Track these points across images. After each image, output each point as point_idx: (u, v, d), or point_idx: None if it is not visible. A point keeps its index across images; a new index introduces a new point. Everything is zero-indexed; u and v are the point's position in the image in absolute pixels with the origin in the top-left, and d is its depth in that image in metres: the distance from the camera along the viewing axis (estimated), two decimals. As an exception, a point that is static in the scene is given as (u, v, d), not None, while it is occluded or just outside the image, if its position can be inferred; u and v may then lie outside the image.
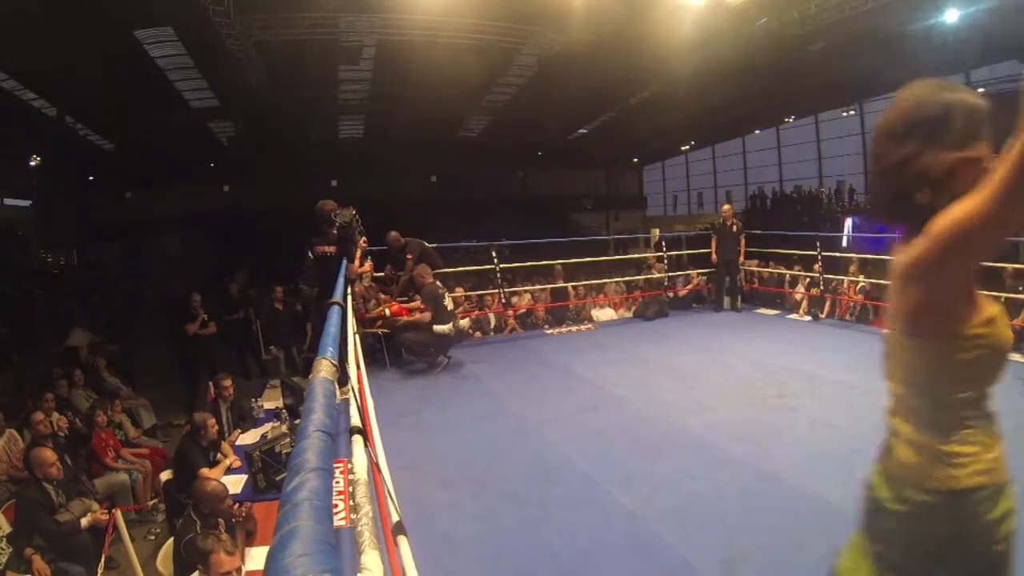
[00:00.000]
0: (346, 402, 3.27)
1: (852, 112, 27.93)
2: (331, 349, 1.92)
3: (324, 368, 1.68)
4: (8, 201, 25.43)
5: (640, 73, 20.29)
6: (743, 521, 3.96)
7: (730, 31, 16.37)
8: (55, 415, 7.11)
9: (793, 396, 6.37)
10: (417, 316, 8.16)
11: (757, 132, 32.88)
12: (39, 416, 6.37)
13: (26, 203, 25.89)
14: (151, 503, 6.86)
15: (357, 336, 5.71)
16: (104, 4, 13.61)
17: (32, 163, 23.36)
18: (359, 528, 1.45)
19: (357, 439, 2.13)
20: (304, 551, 0.83)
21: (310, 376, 1.70)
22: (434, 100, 21.78)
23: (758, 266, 12.08)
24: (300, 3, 14.95)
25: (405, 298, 8.86)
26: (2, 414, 7.08)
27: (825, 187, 29.35)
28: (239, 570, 3.60)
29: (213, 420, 5.96)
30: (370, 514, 1.53)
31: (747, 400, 6.34)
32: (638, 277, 12.65)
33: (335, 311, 2.73)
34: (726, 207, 11.96)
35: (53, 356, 10.57)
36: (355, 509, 1.60)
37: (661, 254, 12.34)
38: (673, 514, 4.12)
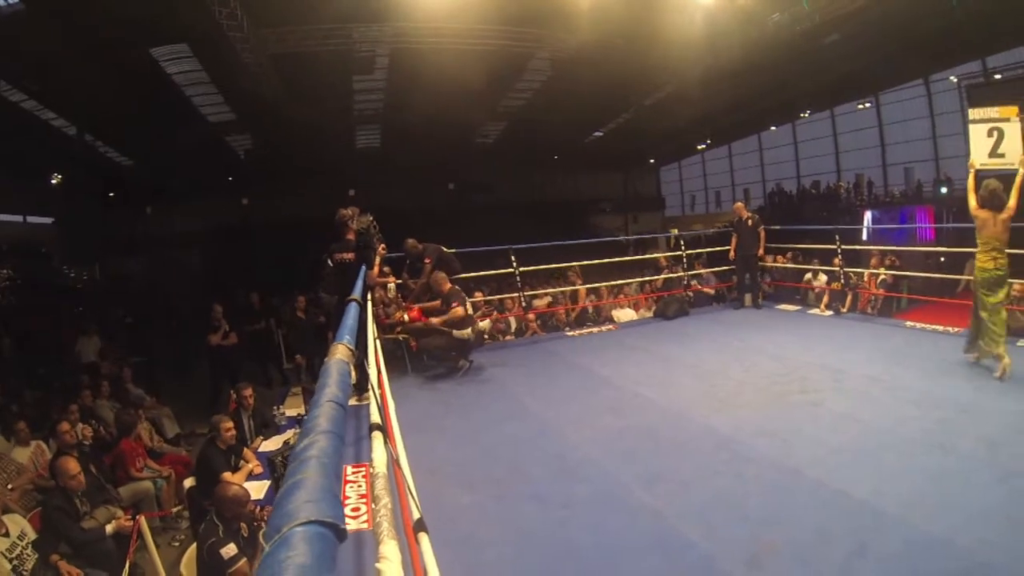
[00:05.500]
0: (368, 407, 3.28)
1: (868, 105, 27.71)
2: (347, 336, 1.92)
3: (340, 351, 1.69)
4: (31, 219, 25.80)
5: (653, 73, 20.28)
6: (768, 517, 3.92)
7: (742, 27, 16.29)
8: (80, 425, 7.21)
9: (816, 391, 6.29)
10: (447, 315, 8.10)
11: (773, 128, 32.69)
12: (64, 426, 6.45)
13: (48, 220, 26.27)
14: (175, 510, 6.92)
15: (378, 341, 5.73)
16: (120, 23, 13.78)
17: (54, 181, 23.67)
18: (378, 519, 1.44)
19: (377, 435, 2.12)
20: (309, 498, 0.84)
21: (326, 359, 1.70)
22: (449, 107, 21.83)
23: (781, 260, 11.98)
24: (313, 15, 15.06)
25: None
26: (27, 425, 7.19)
27: (844, 181, 29.12)
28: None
29: (229, 423, 6.02)
30: (389, 506, 1.52)
31: (770, 396, 6.28)
32: (657, 277, 12.58)
33: (352, 306, 2.74)
34: (738, 204, 11.93)
35: (76, 368, 10.69)
36: (375, 500, 1.60)
37: (679, 253, 12.27)
38: (697, 512, 4.08)
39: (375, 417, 2.37)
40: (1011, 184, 6.35)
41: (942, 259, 13.31)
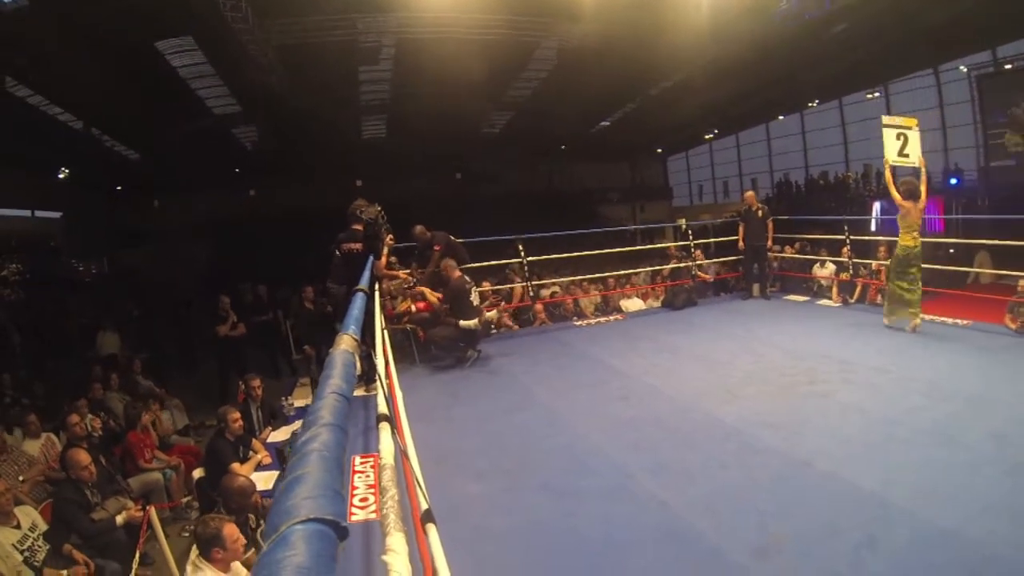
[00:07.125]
0: (375, 397, 3.28)
1: (877, 94, 27.48)
2: (353, 327, 1.92)
3: (345, 342, 1.68)
4: (39, 213, 25.84)
5: (660, 62, 20.09)
6: (776, 508, 3.91)
7: (749, 16, 16.16)
8: (89, 416, 7.25)
9: (824, 382, 6.27)
10: (429, 301, 8.22)
11: (781, 118, 32.46)
12: (75, 418, 6.49)
13: (56, 214, 26.32)
14: (185, 500, 6.95)
15: (385, 332, 5.73)
16: (124, 16, 13.76)
17: (61, 175, 23.70)
18: (385, 511, 1.44)
19: (384, 426, 2.12)
20: (309, 495, 0.83)
21: (331, 349, 1.70)
22: (455, 97, 21.72)
23: (789, 251, 11.94)
24: (317, 5, 15.01)
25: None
26: (38, 417, 7.23)
27: (852, 171, 28.92)
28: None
29: (236, 414, 6.04)
30: (396, 497, 1.51)
31: (778, 387, 6.26)
32: (664, 267, 12.55)
33: (359, 296, 2.74)
34: (748, 193, 11.86)
35: (87, 361, 10.75)
36: (382, 492, 1.59)
37: (687, 243, 12.23)
38: (705, 503, 4.07)
39: (383, 408, 2.37)
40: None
41: (951, 250, 13.22)
